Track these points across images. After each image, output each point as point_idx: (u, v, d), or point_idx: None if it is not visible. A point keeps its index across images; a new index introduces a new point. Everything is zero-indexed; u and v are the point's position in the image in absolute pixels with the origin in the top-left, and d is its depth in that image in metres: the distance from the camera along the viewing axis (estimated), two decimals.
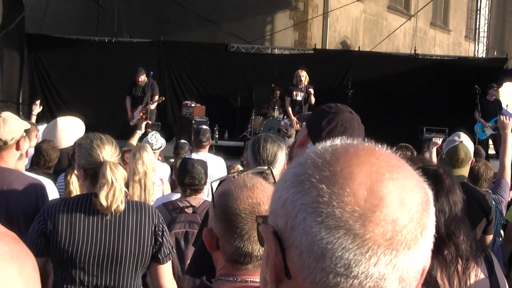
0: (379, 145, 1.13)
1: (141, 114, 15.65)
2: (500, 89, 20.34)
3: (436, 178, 3.03)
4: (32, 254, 1.87)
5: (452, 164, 5.40)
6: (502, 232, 6.17)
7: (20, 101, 18.19)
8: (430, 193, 1.11)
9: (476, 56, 30.16)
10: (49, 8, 19.18)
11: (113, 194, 3.52)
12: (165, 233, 3.79)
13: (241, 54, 19.83)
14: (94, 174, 3.61)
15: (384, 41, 24.85)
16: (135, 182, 6.40)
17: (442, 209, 2.93)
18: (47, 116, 16.79)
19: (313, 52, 20.47)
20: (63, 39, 19.16)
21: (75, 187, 5.15)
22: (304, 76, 15.55)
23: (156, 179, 6.98)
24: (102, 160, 3.60)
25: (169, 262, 3.84)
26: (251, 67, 19.01)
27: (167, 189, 7.45)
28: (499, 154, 6.25)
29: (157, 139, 9.45)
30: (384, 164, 1.07)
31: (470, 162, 5.82)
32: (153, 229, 3.71)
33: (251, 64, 19.22)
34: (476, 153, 9.11)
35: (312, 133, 2.85)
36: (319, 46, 22.14)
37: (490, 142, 17.10)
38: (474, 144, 6.98)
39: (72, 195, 4.99)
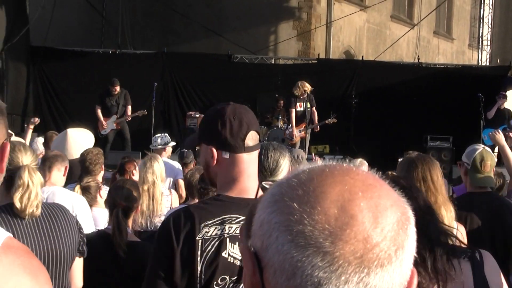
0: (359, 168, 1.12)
1: (115, 125, 15.75)
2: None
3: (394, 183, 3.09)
4: (44, 267, 1.90)
5: (479, 171, 5.34)
6: None
7: (26, 113, 18.21)
8: (409, 213, 1.09)
9: (480, 64, 30.14)
10: (53, 20, 19.24)
11: (28, 197, 3.41)
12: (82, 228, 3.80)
13: (245, 65, 19.85)
14: (9, 178, 3.45)
15: (388, 50, 24.86)
16: (143, 191, 6.40)
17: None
18: (52, 128, 16.84)
19: (316, 62, 20.47)
20: (68, 51, 19.22)
21: None
22: (307, 86, 15.61)
23: (164, 189, 6.99)
24: (21, 164, 3.51)
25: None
26: (255, 77, 19.03)
27: (175, 200, 7.44)
28: (505, 166, 6.27)
29: (161, 138, 9.57)
30: (359, 184, 1.07)
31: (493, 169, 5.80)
32: (77, 225, 3.71)
33: (254, 74, 19.24)
34: None
35: (217, 145, 2.75)
36: (322, 56, 22.15)
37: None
38: None
39: None
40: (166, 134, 10.30)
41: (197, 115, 17.31)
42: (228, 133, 2.72)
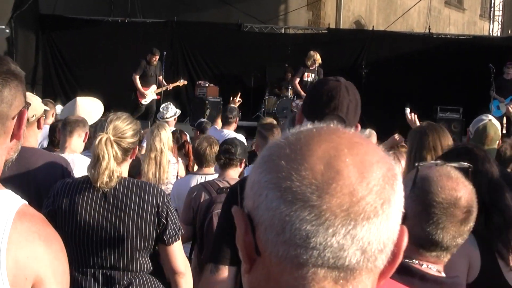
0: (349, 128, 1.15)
1: (156, 95, 15.74)
2: None
3: (468, 152, 3.11)
4: (58, 235, 1.92)
5: (481, 143, 5.36)
6: None
7: (35, 81, 18.21)
8: (396, 170, 1.12)
9: (491, 35, 29.94)
10: None
11: (99, 167, 3.50)
12: (170, 214, 3.70)
13: (255, 34, 19.78)
14: None
15: (398, 20, 24.70)
16: (150, 159, 6.44)
17: (481, 180, 3.01)
18: (61, 96, 16.88)
19: (326, 31, 20.39)
20: (77, 19, 19.17)
21: None
22: (318, 58, 15.58)
23: (171, 157, 7.02)
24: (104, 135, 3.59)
25: (178, 243, 3.77)
26: (265, 47, 18.97)
27: (182, 169, 7.46)
28: None
29: (168, 109, 9.55)
30: (345, 142, 1.09)
31: (497, 142, 5.80)
32: (156, 210, 3.64)
33: (264, 44, 19.19)
34: None
35: (304, 110, 2.82)
36: (332, 26, 22.04)
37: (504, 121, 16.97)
38: None
39: None
40: (170, 103, 10.27)
41: (206, 85, 17.29)
42: (315, 106, 2.73)
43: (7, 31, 16.03)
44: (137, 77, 15.76)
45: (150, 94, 15.71)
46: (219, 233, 2.93)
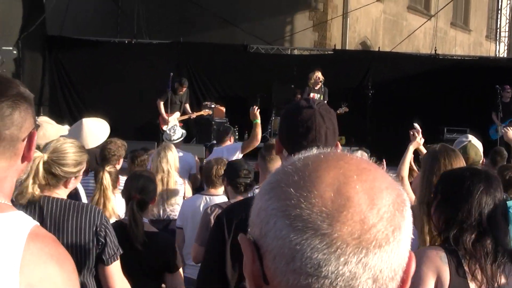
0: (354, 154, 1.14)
1: (179, 123, 15.76)
2: None
3: (493, 177, 3.16)
4: (70, 256, 1.93)
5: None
6: None
7: (41, 103, 18.26)
8: (404, 196, 1.11)
9: (497, 56, 29.97)
10: (69, 10, 19.28)
11: (23, 185, 3.41)
12: (109, 233, 3.72)
13: (261, 55, 19.82)
14: None
15: (404, 41, 24.73)
16: (157, 180, 6.44)
17: (487, 202, 3.04)
18: (68, 117, 16.90)
19: (332, 52, 20.44)
20: (83, 40, 19.26)
21: (108, 183, 5.11)
22: (320, 76, 15.60)
23: (178, 178, 7.02)
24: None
25: (116, 263, 3.78)
26: (271, 68, 18.97)
27: (188, 189, 7.46)
28: None
29: (175, 130, 9.56)
30: (353, 168, 1.09)
31: (480, 162, 5.82)
32: (94, 229, 3.65)
33: (270, 65, 19.19)
34: (499, 153, 9.06)
35: (282, 141, 2.76)
36: (338, 47, 22.09)
37: None
38: (487, 145, 7.01)
39: (106, 191, 4.96)
40: (176, 125, 10.29)
41: (213, 106, 17.31)
42: (292, 138, 2.67)
43: (15, 52, 16.12)
44: (162, 103, 15.82)
45: (172, 121, 15.69)
46: (206, 265, 2.91)
